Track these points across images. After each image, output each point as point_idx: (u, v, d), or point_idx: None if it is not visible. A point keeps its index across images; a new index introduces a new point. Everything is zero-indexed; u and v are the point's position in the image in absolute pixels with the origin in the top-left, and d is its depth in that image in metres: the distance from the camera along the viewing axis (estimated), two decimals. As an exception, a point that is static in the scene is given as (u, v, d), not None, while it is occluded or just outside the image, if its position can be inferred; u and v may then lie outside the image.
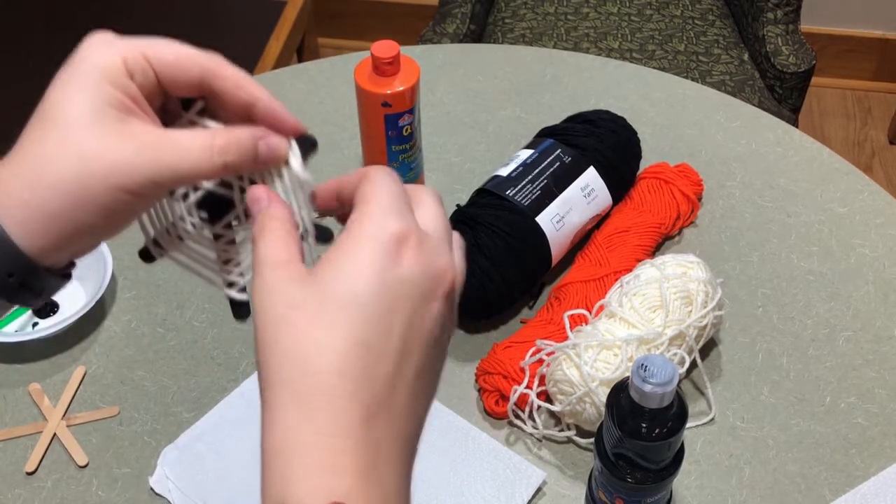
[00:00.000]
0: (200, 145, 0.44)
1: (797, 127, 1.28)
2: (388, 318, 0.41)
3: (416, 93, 0.95)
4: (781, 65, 1.56)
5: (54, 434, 0.85)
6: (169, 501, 0.81)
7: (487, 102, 1.17)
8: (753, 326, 0.92)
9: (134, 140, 0.43)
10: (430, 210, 0.45)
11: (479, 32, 1.68)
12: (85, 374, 0.90)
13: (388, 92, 0.92)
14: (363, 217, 0.42)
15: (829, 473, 0.81)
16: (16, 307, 0.47)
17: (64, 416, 0.87)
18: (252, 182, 0.48)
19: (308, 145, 0.48)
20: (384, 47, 0.92)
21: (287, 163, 0.47)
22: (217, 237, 0.50)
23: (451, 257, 0.44)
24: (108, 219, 0.44)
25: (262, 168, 0.47)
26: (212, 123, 0.48)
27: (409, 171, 1.01)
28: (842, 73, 2.37)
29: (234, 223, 0.49)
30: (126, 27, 1.85)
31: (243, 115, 0.47)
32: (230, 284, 0.49)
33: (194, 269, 0.50)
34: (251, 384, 0.88)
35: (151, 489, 0.81)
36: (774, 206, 1.03)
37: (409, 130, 0.96)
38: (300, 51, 2.07)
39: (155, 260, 0.50)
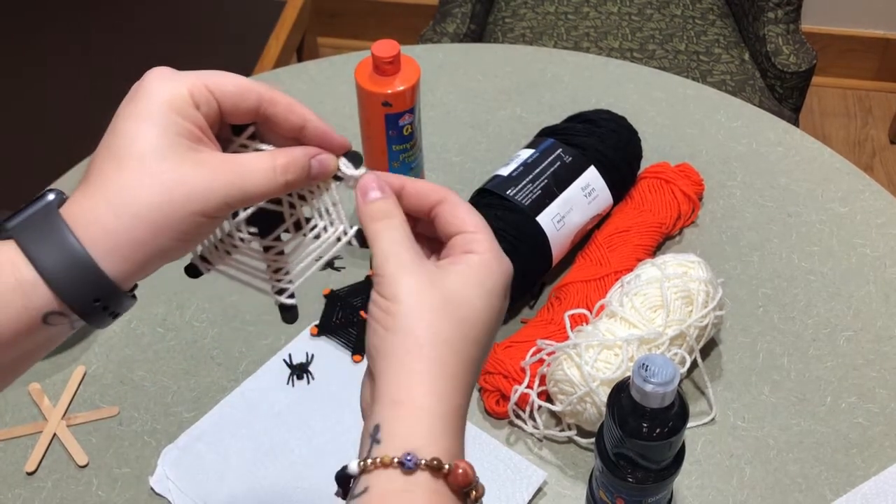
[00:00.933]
0: (265, 166, 0.48)
1: (798, 126, 1.28)
2: (490, 332, 0.50)
3: (417, 92, 0.94)
4: (782, 64, 1.56)
5: (54, 434, 0.85)
6: (169, 501, 0.81)
7: (488, 102, 1.17)
8: (754, 326, 0.92)
9: (207, 167, 0.46)
10: None
11: (479, 32, 1.68)
12: (85, 374, 0.90)
13: (389, 91, 0.92)
14: (486, 250, 0.50)
15: (830, 473, 0.81)
16: None
17: (64, 415, 0.87)
18: (300, 196, 0.52)
19: (356, 159, 0.52)
20: (385, 47, 0.92)
21: (334, 177, 0.52)
22: (266, 249, 0.53)
23: None
24: (184, 242, 0.47)
25: (313, 183, 0.51)
26: (262, 146, 0.51)
27: (410, 171, 1.01)
28: (842, 72, 2.37)
29: (284, 235, 0.53)
30: (126, 27, 1.84)
31: (293, 136, 0.51)
32: (280, 291, 0.53)
33: (243, 280, 0.53)
34: (251, 384, 0.88)
35: (151, 489, 0.81)
36: (775, 205, 1.03)
37: (409, 130, 0.96)
38: (300, 50, 2.07)
39: (201, 275, 0.53)
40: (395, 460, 0.45)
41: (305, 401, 0.87)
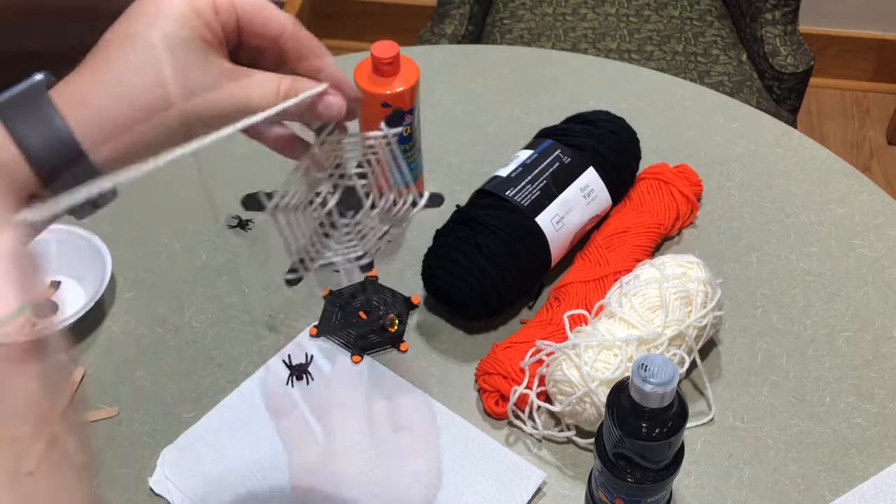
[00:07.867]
0: (269, 81, 0.49)
1: (795, 127, 1.28)
2: None
3: (416, 93, 0.95)
4: (780, 65, 1.56)
5: (54, 434, 0.85)
6: (168, 502, 0.81)
7: (487, 103, 1.17)
8: (753, 327, 0.92)
9: (214, 71, 0.46)
10: None
11: (477, 33, 1.68)
12: (84, 375, 0.90)
13: (388, 92, 0.92)
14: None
15: (829, 473, 0.82)
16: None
17: (63, 416, 0.86)
18: (361, 175, 0.56)
19: (397, 118, 0.57)
20: (384, 48, 0.92)
21: (388, 143, 0.55)
22: (352, 226, 0.57)
23: None
24: (170, 138, 0.46)
25: (320, 120, 0.53)
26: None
27: (409, 172, 1.01)
28: (840, 73, 2.38)
29: (361, 212, 0.57)
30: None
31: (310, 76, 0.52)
32: (357, 258, 0.57)
33: (328, 264, 0.56)
34: (250, 384, 0.88)
35: (151, 490, 0.81)
36: (773, 206, 1.03)
37: (408, 131, 0.96)
38: (299, 51, 2.07)
39: (300, 281, 0.57)
40: None
41: (304, 401, 0.87)
